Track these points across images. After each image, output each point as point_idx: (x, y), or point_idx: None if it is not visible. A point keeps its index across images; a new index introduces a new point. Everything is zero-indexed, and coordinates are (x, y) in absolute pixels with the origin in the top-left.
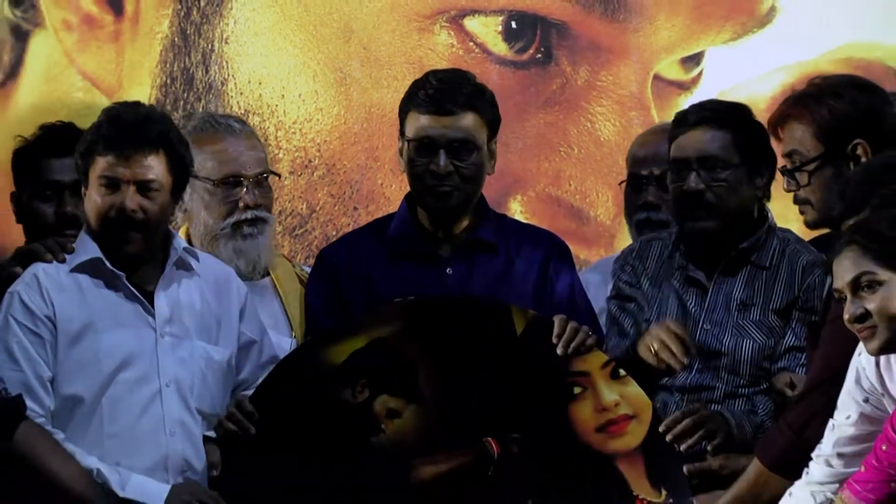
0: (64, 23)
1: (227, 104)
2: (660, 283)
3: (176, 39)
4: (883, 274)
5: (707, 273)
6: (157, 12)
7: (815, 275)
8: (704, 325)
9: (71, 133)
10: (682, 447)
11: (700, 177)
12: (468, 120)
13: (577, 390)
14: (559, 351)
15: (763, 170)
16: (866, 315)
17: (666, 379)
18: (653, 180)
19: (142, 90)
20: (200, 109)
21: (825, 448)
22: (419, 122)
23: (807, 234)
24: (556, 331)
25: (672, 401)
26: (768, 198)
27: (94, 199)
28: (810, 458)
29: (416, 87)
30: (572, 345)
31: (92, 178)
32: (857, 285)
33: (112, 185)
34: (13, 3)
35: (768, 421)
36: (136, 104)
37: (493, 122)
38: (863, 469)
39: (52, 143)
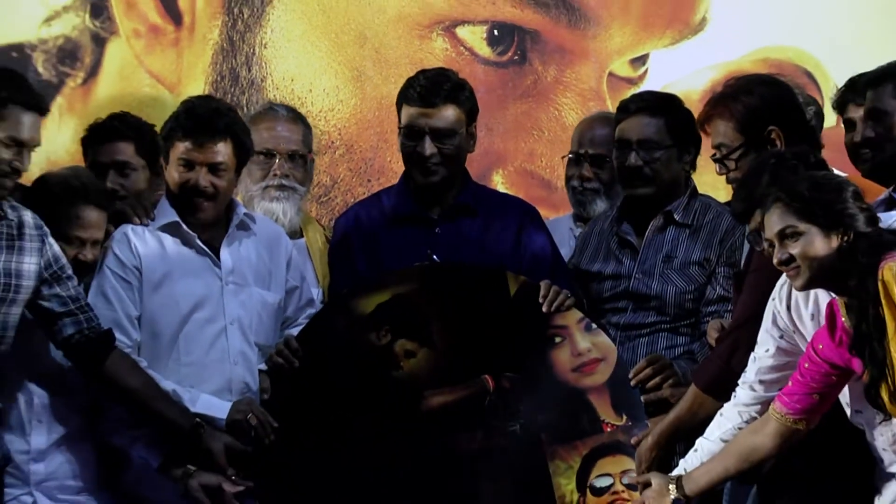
0: (134, 31)
1: (265, 97)
2: (601, 249)
3: (224, 45)
4: (802, 226)
5: (639, 232)
6: (209, 23)
7: (737, 235)
8: (636, 275)
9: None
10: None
11: (639, 155)
12: (449, 111)
13: (557, 339)
14: (544, 309)
15: (690, 148)
16: (791, 259)
17: (606, 317)
18: (587, 158)
19: (196, 86)
20: (244, 102)
21: (749, 376)
22: (409, 113)
23: None
24: (542, 293)
25: (615, 335)
26: (694, 169)
27: (173, 176)
28: (737, 384)
29: (408, 84)
30: (555, 304)
31: (172, 158)
32: (783, 235)
33: (188, 165)
34: (93, 16)
35: None
36: (209, 98)
37: (471, 112)
38: (790, 384)
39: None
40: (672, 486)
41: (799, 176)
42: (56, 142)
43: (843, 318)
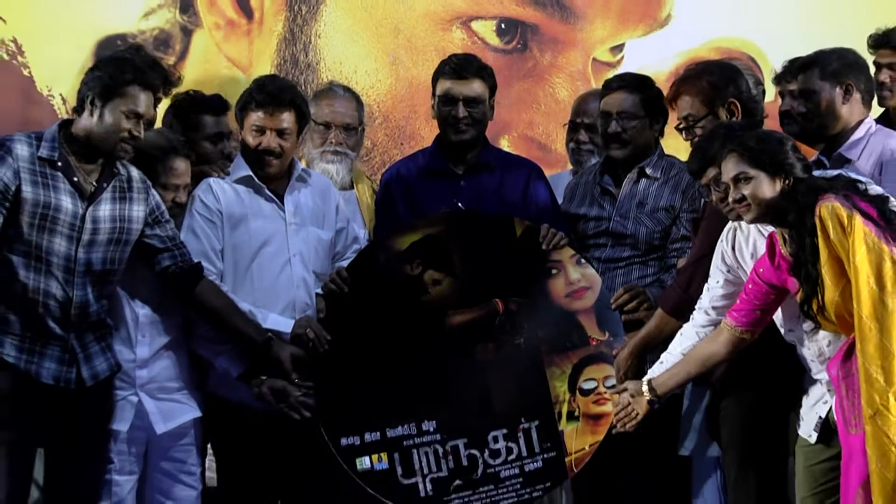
0: (215, 24)
1: (319, 77)
2: (585, 196)
3: (286, 35)
4: (752, 172)
5: (617, 183)
6: (274, 17)
7: (696, 186)
8: (615, 218)
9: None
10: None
11: (618, 123)
12: (476, 84)
13: (554, 271)
14: (543, 247)
15: (659, 118)
16: (744, 198)
17: (589, 252)
18: (582, 125)
19: (264, 68)
20: (302, 81)
21: (703, 303)
22: (445, 85)
23: None
24: (542, 234)
25: (597, 267)
26: (662, 136)
27: (248, 139)
28: (694, 309)
29: (443, 63)
30: (552, 243)
31: (246, 125)
32: (737, 179)
33: (260, 131)
34: (182, 11)
35: None
36: (275, 77)
37: (492, 87)
38: (738, 302)
39: (197, 104)
40: (645, 388)
41: (748, 134)
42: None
43: (782, 248)
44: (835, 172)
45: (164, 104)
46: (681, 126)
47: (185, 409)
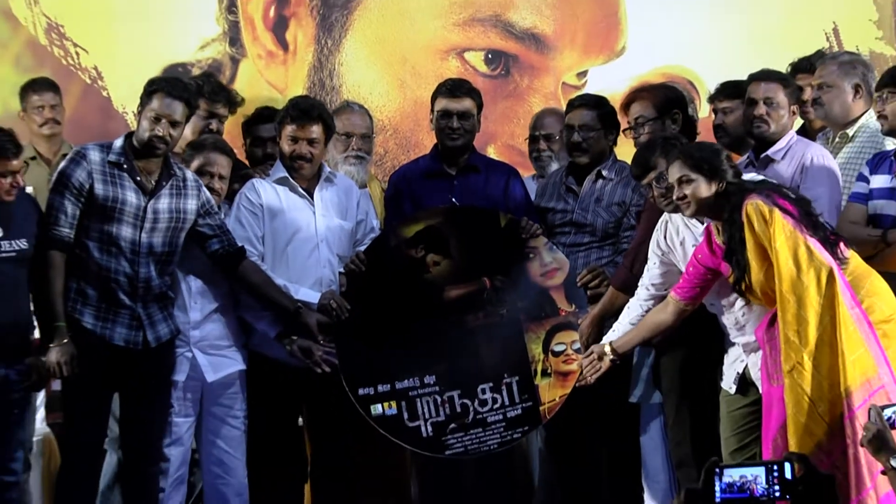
0: (258, 55)
1: (342, 98)
2: (553, 193)
3: (315, 63)
4: (693, 175)
5: (579, 183)
6: (305, 49)
7: (642, 185)
8: (577, 211)
9: (265, 113)
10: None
11: (580, 135)
12: (467, 101)
13: (531, 255)
14: (522, 236)
15: (613, 130)
16: (685, 196)
17: (556, 238)
18: (541, 137)
19: (297, 90)
20: (328, 101)
21: (644, 281)
22: (442, 103)
23: None
24: (521, 225)
25: (562, 251)
26: (615, 145)
27: (284, 147)
28: (637, 286)
29: (441, 85)
30: (529, 233)
31: (283, 135)
32: (680, 181)
33: (294, 140)
34: (231, 45)
35: None
36: (306, 97)
37: (479, 105)
38: (681, 281)
39: (256, 117)
40: (608, 349)
41: (690, 143)
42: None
43: (717, 237)
44: (759, 178)
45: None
46: (630, 126)
47: (231, 363)
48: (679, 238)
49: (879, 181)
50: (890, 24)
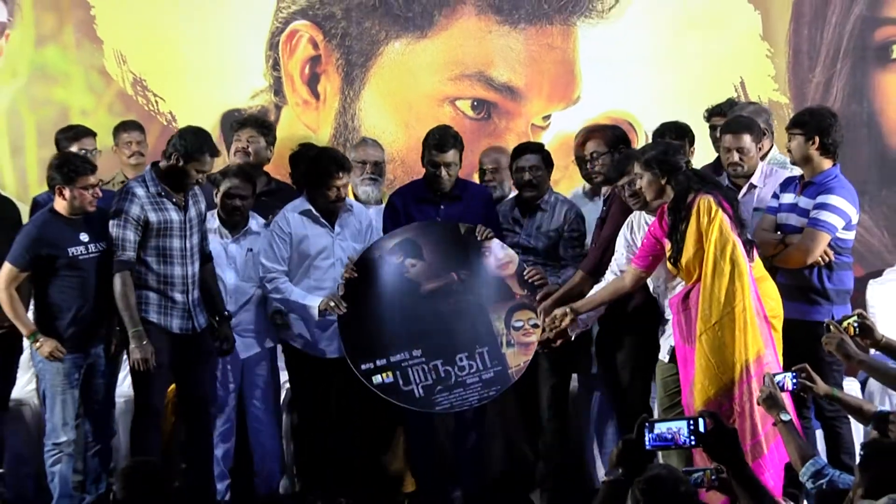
0: (296, 103)
1: (361, 135)
2: (505, 222)
3: (340, 109)
4: (643, 171)
5: (524, 214)
6: (332, 98)
7: (573, 213)
8: (522, 236)
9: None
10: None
11: (530, 174)
12: (451, 153)
13: (487, 253)
14: (479, 239)
15: (551, 169)
16: (639, 192)
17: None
18: (488, 170)
19: (327, 130)
20: (351, 138)
21: (612, 267)
22: (431, 154)
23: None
24: (477, 231)
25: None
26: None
27: (331, 194)
28: (606, 270)
29: (429, 135)
30: (483, 235)
31: (330, 184)
32: (637, 177)
33: (338, 189)
34: (275, 95)
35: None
36: (310, 146)
37: (461, 149)
38: (637, 251)
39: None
40: (567, 309)
41: (652, 144)
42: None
43: (668, 217)
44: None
45: None
46: (587, 160)
47: (259, 342)
48: (641, 234)
49: (787, 198)
50: (784, 78)
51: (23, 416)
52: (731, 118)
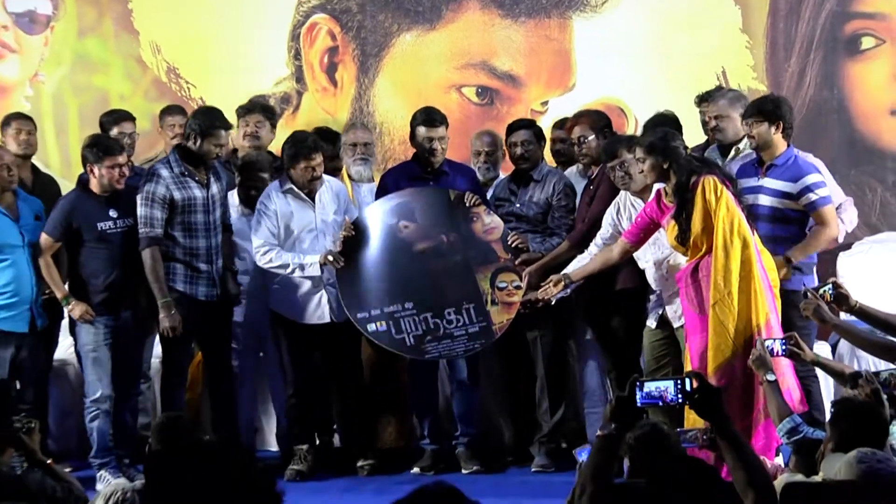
0: (316, 90)
1: (375, 121)
2: (501, 193)
3: (356, 96)
4: (646, 156)
5: (518, 185)
6: (349, 85)
7: (562, 184)
8: (516, 205)
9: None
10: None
11: (522, 148)
12: (441, 129)
13: (474, 218)
14: (467, 205)
15: (543, 142)
16: (641, 171)
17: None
18: (482, 152)
19: (344, 115)
20: (365, 122)
21: (597, 240)
22: (422, 130)
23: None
24: (466, 197)
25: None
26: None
27: (305, 174)
28: (591, 242)
29: (416, 115)
30: (471, 201)
31: (297, 167)
32: (637, 161)
33: (314, 169)
34: (297, 82)
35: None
36: (305, 135)
37: (447, 125)
38: (630, 227)
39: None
40: (563, 277)
41: (653, 131)
42: (279, 139)
43: (665, 199)
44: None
45: None
46: (573, 143)
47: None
48: (627, 214)
49: (749, 182)
50: (762, 68)
51: (66, 375)
52: (706, 93)
